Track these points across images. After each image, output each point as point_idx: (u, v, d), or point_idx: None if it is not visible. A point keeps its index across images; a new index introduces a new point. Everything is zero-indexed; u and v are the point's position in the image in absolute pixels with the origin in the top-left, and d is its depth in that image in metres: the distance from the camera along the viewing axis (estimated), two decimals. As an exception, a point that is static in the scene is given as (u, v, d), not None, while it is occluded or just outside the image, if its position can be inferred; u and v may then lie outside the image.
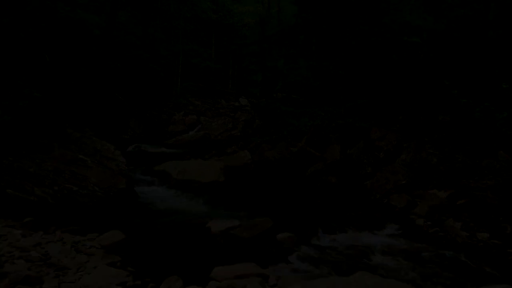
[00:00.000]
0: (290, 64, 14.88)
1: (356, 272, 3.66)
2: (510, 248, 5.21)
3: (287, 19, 18.79)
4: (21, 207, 6.57)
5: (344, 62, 10.12)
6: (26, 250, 4.20)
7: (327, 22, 10.38)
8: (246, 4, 23.52)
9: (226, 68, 30.81)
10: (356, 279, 3.42)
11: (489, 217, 6.04)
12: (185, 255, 4.90)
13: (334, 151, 9.45)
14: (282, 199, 7.83)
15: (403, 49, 9.91)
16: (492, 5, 9.52)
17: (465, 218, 6.05)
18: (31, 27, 8.28)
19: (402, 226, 6.10)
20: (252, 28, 26.63)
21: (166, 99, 23.40)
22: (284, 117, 10.41)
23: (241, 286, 3.73)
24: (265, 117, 14.14)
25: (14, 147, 7.49)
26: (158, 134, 17.84)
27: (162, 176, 9.70)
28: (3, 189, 6.47)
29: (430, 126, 9.30)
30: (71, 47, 10.66)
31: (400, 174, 7.42)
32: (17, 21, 8.13)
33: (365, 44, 9.97)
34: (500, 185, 6.70)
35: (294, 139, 11.20)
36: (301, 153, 9.94)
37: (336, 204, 7.42)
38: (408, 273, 4.49)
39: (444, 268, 4.68)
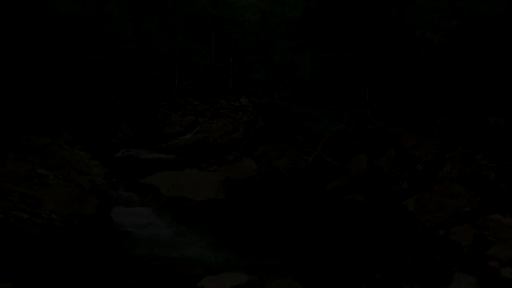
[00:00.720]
0: (299, 57, 12.87)
1: None
2: None
3: (292, 12, 16.81)
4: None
5: (371, 54, 8.16)
6: None
7: (349, 4, 8.43)
8: (247, -3, 21.60)
9: (226, 66, 28.82)
10: None
11: None
12: None
13: (359, 162, 7.49)
14: (300, 229, 5.87)
15: (438, 37, 7.95)
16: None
17: None
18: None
19: (480, 279, 4.13)
20: (254, 25, 24.64)
21: (163, 99, 21.41)
22: (298, 120, 8.41)
23: None
24: (270, 118, 12.18)
25: None
26: (153, 137, 15.87)
27: (148, 191, 7.74)
28: None
29: (478, 131, 7.34)
30: (41, 35, 8.68)
31: (462, 197, 5.45)
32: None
33: (395, 31, 8.02)
34: None
35: (307, 145, 9.23)
36: (317, 163, 7.98)
37: (374, 238, 5.45)
38: None
39: None
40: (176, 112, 19.82)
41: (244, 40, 26.51)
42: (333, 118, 8.03)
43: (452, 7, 7.34)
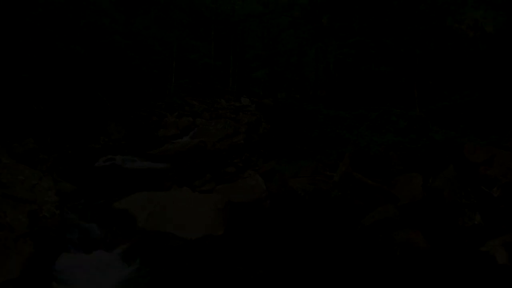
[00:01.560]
0: (312, 46, 10.51)
1: None
2: None
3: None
4: None
5: (420, 38, 5.84)
6: None
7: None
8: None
9: (227, 65, 26.51)
10: None
11: None
12: None
13: (410, 183, 5.22)
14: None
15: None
16: None
17: None
18: None
19: None
20: (256, 19, 22.26)
21: (158, 98, 19.12)
22: (328, 127, 6.01)
23: None
24: (277, 121, 9.89)
25: None
26: (145, 140, 13.56)
27: (121, 222, 5.50)
28: None
29: None
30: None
31: None
32: None
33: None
34: None
35: (326, 155, 6.92)
36: (347, 183, 5.69)
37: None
38: None
39: None
40: (172, 113, 17.57)
41: (245, 36, 24.16)
42: (374, 123, 5.70)
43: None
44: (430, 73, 6.02)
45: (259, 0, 19.74)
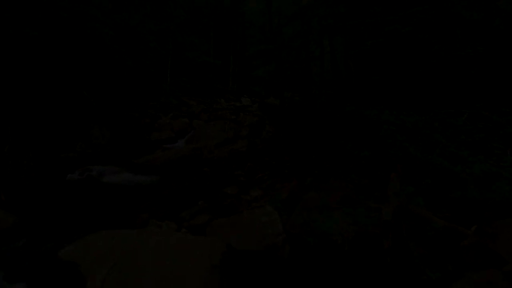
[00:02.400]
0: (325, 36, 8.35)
1: None
2: None
3: None
4: None
5: None
6: None
7: None
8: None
9: (227, 64, 24.43)
10: None
11: None
12: None
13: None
14: None
15: None
16: None
17: None
18: None
19: None
20: (257, 15, 20.20)
21: (153, 98, 17.03)
22: (393, 141, 3.91)
23: None
24: (287, 124, 7.83)
25: None
26: (133, 145, 11.48)
27: (66, 283, 3.46)
28: None
29: None
30: None
31: None
32: None
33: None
34: None
35: (349, 168, 4.86)
36: (402, 222, 3.63)
37: None
38: None
39: None
40: (167, 114, 15.49)
41: (246, 31, 22.02)
42: (462, 136, 3.60)
43: None
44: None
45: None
